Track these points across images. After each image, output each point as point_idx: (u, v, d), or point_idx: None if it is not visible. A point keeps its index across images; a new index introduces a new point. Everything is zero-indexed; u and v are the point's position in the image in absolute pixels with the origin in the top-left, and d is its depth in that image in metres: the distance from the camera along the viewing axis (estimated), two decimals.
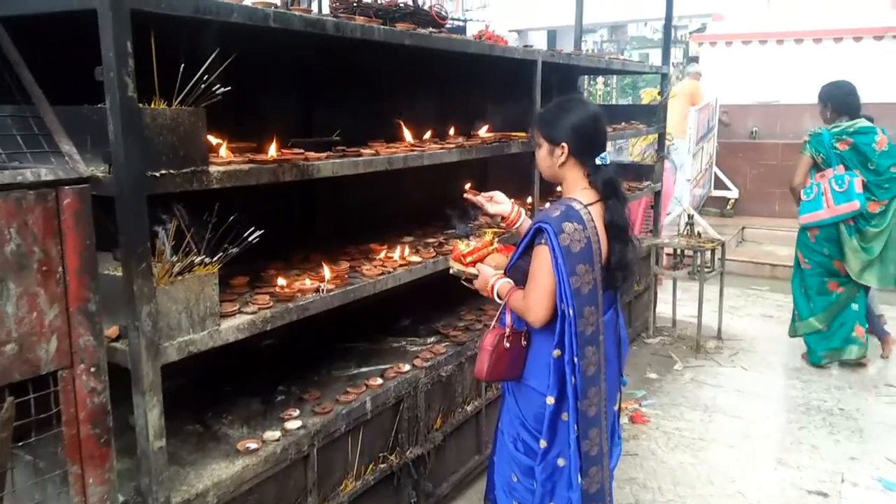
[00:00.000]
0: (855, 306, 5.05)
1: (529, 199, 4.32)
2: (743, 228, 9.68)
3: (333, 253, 3.02)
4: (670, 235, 6.11)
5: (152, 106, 1.83)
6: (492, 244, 2.61)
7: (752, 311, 6.59)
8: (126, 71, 1.72)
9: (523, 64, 3.62)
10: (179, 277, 1.90)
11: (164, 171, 1.83)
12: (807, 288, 5.14)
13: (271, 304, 2.24)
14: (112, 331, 1.85)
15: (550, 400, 2.26)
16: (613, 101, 15.33)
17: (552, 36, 17.94)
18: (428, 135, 3.23)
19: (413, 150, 2.81)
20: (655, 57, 9.61)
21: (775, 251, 8.81)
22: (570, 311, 2.16)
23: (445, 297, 3.66)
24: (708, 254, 5.55)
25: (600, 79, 17.41)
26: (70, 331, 1.57)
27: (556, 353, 2.22)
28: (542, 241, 2.19)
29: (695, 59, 11.32)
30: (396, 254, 2.87)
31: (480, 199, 2.69)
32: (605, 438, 2.35)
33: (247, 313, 2.16)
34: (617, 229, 2.30)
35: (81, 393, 1.61)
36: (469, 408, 3.32)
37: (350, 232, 3.40)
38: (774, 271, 7.95)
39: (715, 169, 10.27)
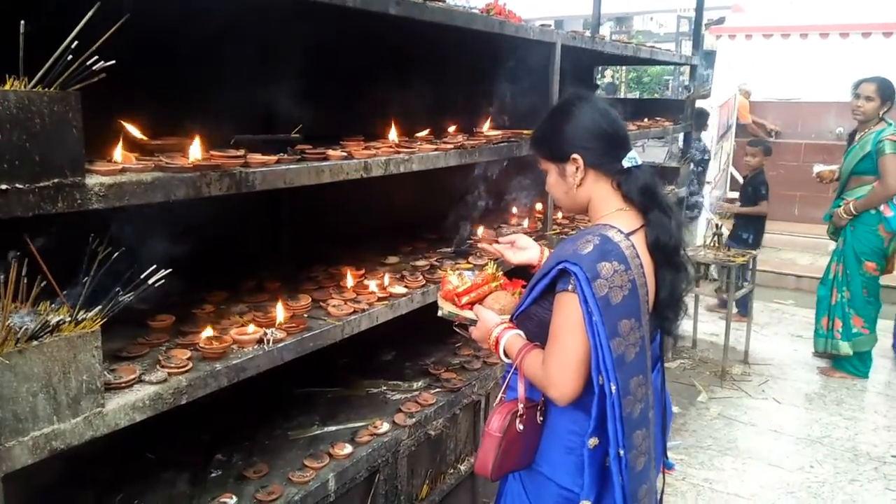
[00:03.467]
0: None
1: (540, 206, 3.70)
2: None
3: (297, 278, 2.39)
4: (694, 247, 5.48)
5: None
6: (495, 278, 1.99)
7: (778, 330, 5.97)
8: None
9: (539, 48, 2.98)
10: (34, 343, 1.28)
11: (5, 186, 1.20)
12: (870, 296, 4.78)
13: (189, 365, 1.61)
14: None
15: None
16: (621, 96, 14.68)
17: (559, 26, 17.30)
18: (425, 132, 2.59)
19: (399, 152, 2.18)
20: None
21: (796, 259, 8.19)
22: (612, 387, 1.54)
23: (436, 324, 3.04)
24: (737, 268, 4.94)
25: (608, 71, 16.72)
26: None
27: (593, 442, 1.60)
28: (569, 287, 1.57)
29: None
30: (374, 283, 2.24)
31: (499, 248, 2.08)
32: None
33: (150, 383, 1.53)
34: (664, 252, 1.69)
35: None
36: (463, 467, 2.71)
37: (323, 247, 2.77)
38: (799, 283, 7.31)
39: (731, 169, 9.64)
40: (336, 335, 1.99)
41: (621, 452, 1.57)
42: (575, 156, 1.68)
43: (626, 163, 1.67)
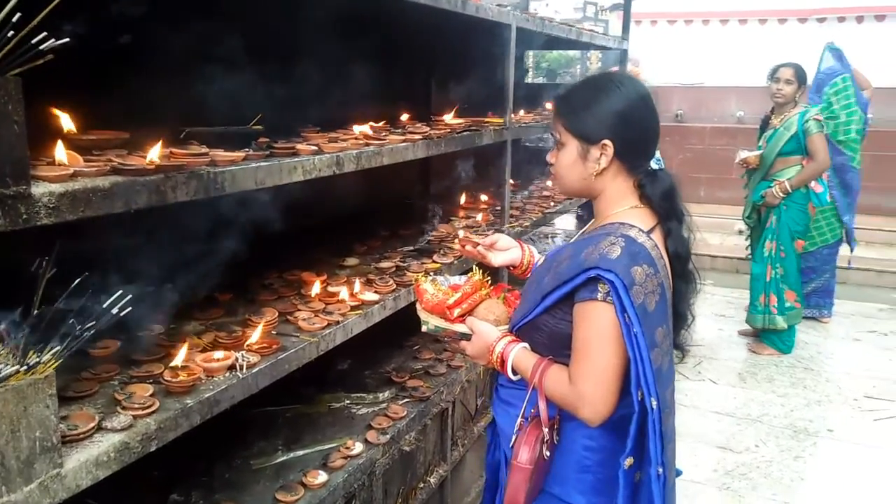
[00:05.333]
0: None
1: (485, 197, 3.56)
2: None
3: (249, 287, 2.14)
4: None
5: None
6: (483, 285, 1.81)
7: (703, 311, 6.09)
8: None
9: (491, 29, 2.81)
10: None
11: None
12: (798, 271, 5.00)
13: (155, 404, 1.36)
14: None
15: None
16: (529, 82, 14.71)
17: None
18: (372, 121, 2.37)
19: (368, 144, 1.96)
20: None
21: (707, 239, 8.44)
22: (653, 403, 1.41)
23: (389, 325, 2.82)
24: None
25: None
26: None
27: (629, 462, 1.47)
28: (597, 296, 1.43)
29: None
30: (344, 291, 2.02)
31: (480, 250, 1.90)
32: None
33: (114, 430, 1.27)
34: (681, 263, 1.58)
35: None
36: (433, 479, 2.54)
37: (268, 251, 2.50)
38: (714, 263, 7.57)
39: None
40: (311, 353, 1.78)
41: (660, 470, 1.45)
42: (606, 142, 1.51)
43: (654, 164, 1.54)
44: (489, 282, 1.82)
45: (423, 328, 1.79)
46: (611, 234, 1.47)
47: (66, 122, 1.48)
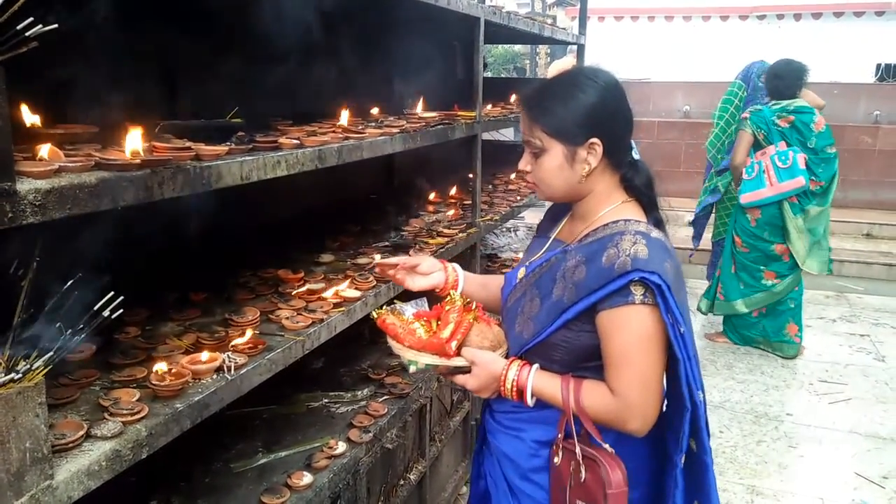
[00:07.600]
0: (791, 304, 4.85)
1: (453, 190, 3.54)
2: None
3: (224, 285, 2.07)
4: None
5: None
6: (468, 309, 1.62)
7: None
8: None
9: (458, 22, 2.79)
10: None
11: None
12: (738, 270, 4.87)
13: (144, 409, 1.30)
14: None
15: None
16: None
17: None
18: (346, 115, 2.32)
19: (348, 138, 1.92)
20: None
21: None
22: (701, 396, 1.42)
23: (359, 320, 2.75)
24: None
25: None
26: None
27: (684, 459, 1.46)
28: (635, 300, 1.35)
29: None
30: (330, 291, 1.98)
31: (399, 274, 1.79)
32: None
33: (105, 438, 1.21)
34: None
35: None
36: (413, 476, 2.52)
37: (237, 249, 2.43)
38: None
39: None
40: (298, 352, 1.73)
41: (707, 461, 1.46)
42: (594, 140, 1.43)
43: (635, 154, 1.53)
44: (472, 305, 1.65)
45: (412, 369, 1.58)
46: (625, 234, 1.39)
47: (30, 116, 1.41)
